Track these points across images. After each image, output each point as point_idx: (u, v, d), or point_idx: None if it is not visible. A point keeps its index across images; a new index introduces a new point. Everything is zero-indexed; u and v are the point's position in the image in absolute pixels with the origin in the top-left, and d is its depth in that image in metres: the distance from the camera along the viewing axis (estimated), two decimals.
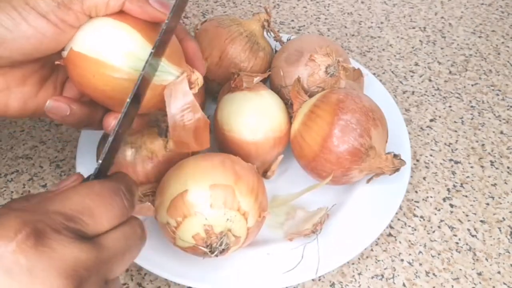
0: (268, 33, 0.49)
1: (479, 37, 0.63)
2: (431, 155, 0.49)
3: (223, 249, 0.34)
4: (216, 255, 0.34)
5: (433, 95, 0.55)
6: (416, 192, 0.45)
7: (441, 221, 0.43)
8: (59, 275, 0.19)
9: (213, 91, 0.47)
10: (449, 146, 0.50)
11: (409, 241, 0.42)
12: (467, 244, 0.42)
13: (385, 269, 0.40)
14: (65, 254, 0.19)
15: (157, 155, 0.38)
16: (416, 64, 0.59)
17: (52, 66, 0.32)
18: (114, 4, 0.29)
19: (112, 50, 0.29)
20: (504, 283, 0.39)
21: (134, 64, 0.29)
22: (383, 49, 0.60)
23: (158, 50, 0.28)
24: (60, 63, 0.31)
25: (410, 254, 0.41)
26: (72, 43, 0.30)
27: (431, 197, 0.45)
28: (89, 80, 0.30)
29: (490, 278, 0.40)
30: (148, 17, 0.30)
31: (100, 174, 0.26)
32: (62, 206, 0.21)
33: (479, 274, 0.40)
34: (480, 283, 0.39)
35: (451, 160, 0.48)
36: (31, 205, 0.22)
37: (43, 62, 0.32)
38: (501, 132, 0.51)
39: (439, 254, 0.41)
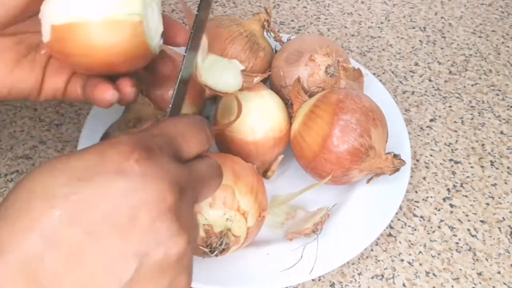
0: (268, 33, 0.48)
1: (479, 37, 0.63)
2: (431, 155, 0.49)
3: (223, 249, 0.34)
4: (216, 255, 0.34)
5: (433, 95, 0.55)
6: (416, 192, 0.45)
7: (441, 221, 0.43)
8: (165, 180, 0.22)
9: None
10: (449, 146, 0.50)
11: (409, 241, 0.42)
12: (467, 244, 0.42)
13: (385, 269, 0.40)
14: (169, 167, 0.23)
15: None
16: (416, 64, 0.59)
17: (29, 45, 0.32)
18: None
19: (100, 4, 0.27)
20: (504, 283, 0.39)
21: (131, 9, 0.28)
22: (383, 49, 0.60)
23: (193, 44, 0.29)
24: (46, 51, 0.30)
25: (410, 254, 0.41)
26: (49, 19, 0.28)
27: (431, 197, 0.45)
28: (88, 52, 0.28)
29: (490, 278, 0.40)
30: None
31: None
32: (162, 131, 0.25)
33: (479, 274, 0.40)
34: (480, 283, 0.39)
35: (451, 160, 0.48)
36: (136, 132, 0.24)
37: (18, 39, 0.31)
38: (501, 132, 0.51)
39: (439, 254, 0.41)
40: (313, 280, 0.39)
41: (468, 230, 0.43)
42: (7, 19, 0.29)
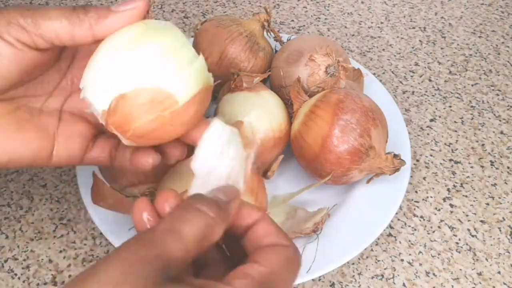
0: (268, 33, 0.49)
1: (479, 37, 0.63)
2: (431, 155, 0.49)
3: None
4: None
5: (433, 95, 0.55)
6: (416, 192, 0.45)
7: (441, 221, 0.43)
8: None
9: (213, 91, 0.47)
10: (449, 146, 0.50)
11: (409, 241, 0.42)
12: (467, 244, 0.42)
13: (385, 269, 0.40)
14: None
15: None
16: (416, 64, 0.59)
17: (29, 110, 0.30)
18: (81, 32, 0.27)
19: (186, 77, 0.26)
20: (504, 283, 0.39)
21: (209, 79, 0.27)
22: (383, 49, 0.60)
23: None
24: (109, 129, 0.27)
25: (410, 254, 0.41)
26: (111, 86, 0.26)
27: (431, 197, 0.45)
28: (167, 129, 0.27)
29: (490, 278, 0.40)
30: (128, 21, 0.27)
31: None
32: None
33: (479, 274, 0.40)
34: (480, 283, 0.39)
35: (451, 160, 0.48)
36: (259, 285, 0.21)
37: (17, 104, 0.30)
38: (501, 132, 0.51)
39: (439, 254, 0.41)
40: (313, 280, 0.39)
41: (468, 230, 0.43)
42: (3, 87, 0.28)
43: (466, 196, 0.45)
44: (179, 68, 0.26)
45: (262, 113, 0.41)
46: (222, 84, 0.46)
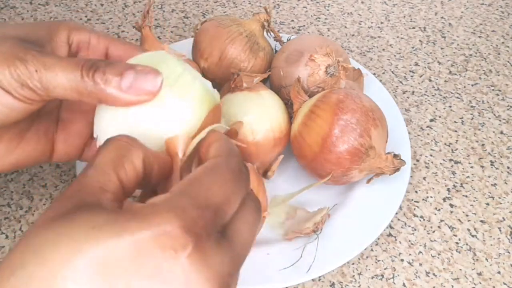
0: (268, 33, 0.49)
1: (479, 37, 0.63)
2: (431, 155, 0.49)
3: None
4: None
5: (433, 95, 0.55)
6: (416, 192, 0.45)
7: (441, 221, 0.43)
8: (211, 286, 0.19)
9: None
10: (449, 146, 0.50)
11: (409, 241, 0.42)
12: (467, 244, 0.42)
13: (385, 269, 0.40)
14: (215, 263, 0.19)
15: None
16: (416, 64, 0.59)
17: (31, 117, 0.30)
18: (89, 95, 0.26)
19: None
20: (504, 283, 0.39)
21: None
22: (383, 49, 0.60)
23: None
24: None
25: (410, 254, 0.41)
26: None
27: (431, 197, 0.45)
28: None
29: (490, 278, 0.40)
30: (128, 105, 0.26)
31: None
32: (208, 198, 0.20)
33: (479, 274, 0.40)
34: (480, 283, 0.39)
35: (451, 160, 0.48)
36: (174, 197, 0.20)
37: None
38: (501, 132, 0.51)
39: (439, 254, 0.41)
40: (313, 280, 0.39)
41: (468, 230, 0.43)
42: (6, 124, 0.28)
43: (466, 196, 0.45)
44: (182, 107, 0.27)
45: (262, 113, 0.41)
46: (222, 84, 0.46)
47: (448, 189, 0.46)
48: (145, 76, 0.26)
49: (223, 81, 0.46)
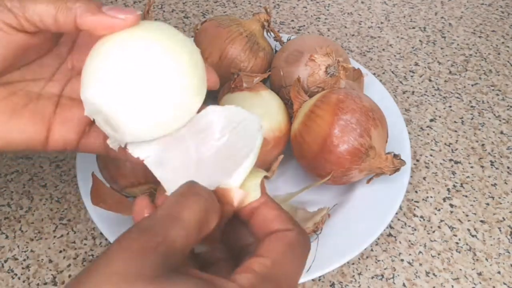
0: (268, 33, 0.49)
1: (479, 37, 0.63)
2: (431, 155, 0.49)
3: None
4: None
5: (433, 95, 0.55)
6: (416, 192, 0.45)
7: (441, 221, 0.43)
8: None
9: (213, 91, 0.47)
10: (449, 146, 0.50)
11: (409, 241, 0.42)
12: (467, 244, 0.42)
13: (385, 269, 0.40)
14: None
15: None
16: (416, 64, 0.59)
17: (27, 94, 0.30)
18: (65, 19, 0.27)
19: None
20: (504, 283, 0.39)
21: None
22: (383, 49, 0.60)
23: None
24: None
25: (410, 254, 0.41)
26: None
27: (431, 197, 0.45)
28: None
29: (490, 278, 0.40)
30: (113, 29, 0.27)
31: None
32: (289, 284, 0.22)
33: (479, 274, 0.40)
34: (480, 283, 0.39)
35: (451, 160, 0.48)
36: (265, 279, 0.21)
37: (13, 89, 0.29)
38: (501, 132, 0.51)
39: (439, 254, 0.41)
40: (313, 280, 0.39)
41: (468, 230, 0.43)
42: None
43: (466, 196, 0.45)
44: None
45: (262, 113, 0.41)
46: (222, 84, 0.46)
47: (448, 189, 0.46)
48: (123, 7, 0.27)
49: (223, 81, 0.45)
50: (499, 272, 0.40)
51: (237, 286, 0.20)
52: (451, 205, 0.45)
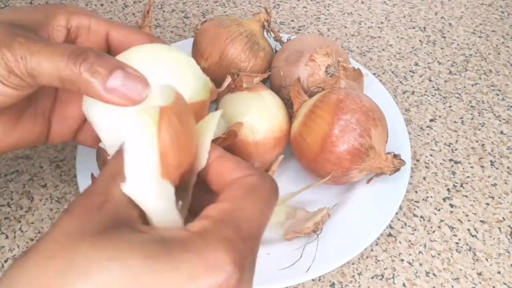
0: (268, 33, 0.49)
1: (479, 37, 0.63)
2: (431, 155, 0.49)
3: None
4: None
5: (433, 95, 0.55)
6: (416, 192, 0.45)
7: (441, 221, 0.43)
8: None
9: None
10: (449, 146, 0.50)
11: (409, 241, 0.42)
12: (467, 244, 0.42)
13: (385, 269, 0.40)
14: None
15: None
16: (416, 64, 0.59)
17: (28, 98, 0.30)
18: (61, 73, 0.25)
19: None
20: (504, 283, 0.39)
21: None
22: (383, 49, 0.60)
23: None
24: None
25: (410, 254, 0.41)
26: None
27: (431, 197, 0.45)
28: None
29: (490, 278, 0.40)
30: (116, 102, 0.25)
31: None
32: (251, 227, 0.21)
33: (479, 274, 0.40)
34: (480, 283, 0.39)
35: (451, 160, 0.48)
36: (223, 223, 0.20)
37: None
38: (501, 132, 0.51)
39: (439, 254, 0.41)
40: (313, 280, 0.39)
41: (468, 230, 0.43)
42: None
43: (466, 196, 0.45)
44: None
45: (262, 113, 0.41)
46: (222, 84, 0.46)
47: (448, 189, 0.46)
48: (133, 83, 0.25)
49: (223, 81, 0.46)
50: (499, 272, 0.40)
51: (190, 233, 0.19)
52: (451, 205, 0.45)
